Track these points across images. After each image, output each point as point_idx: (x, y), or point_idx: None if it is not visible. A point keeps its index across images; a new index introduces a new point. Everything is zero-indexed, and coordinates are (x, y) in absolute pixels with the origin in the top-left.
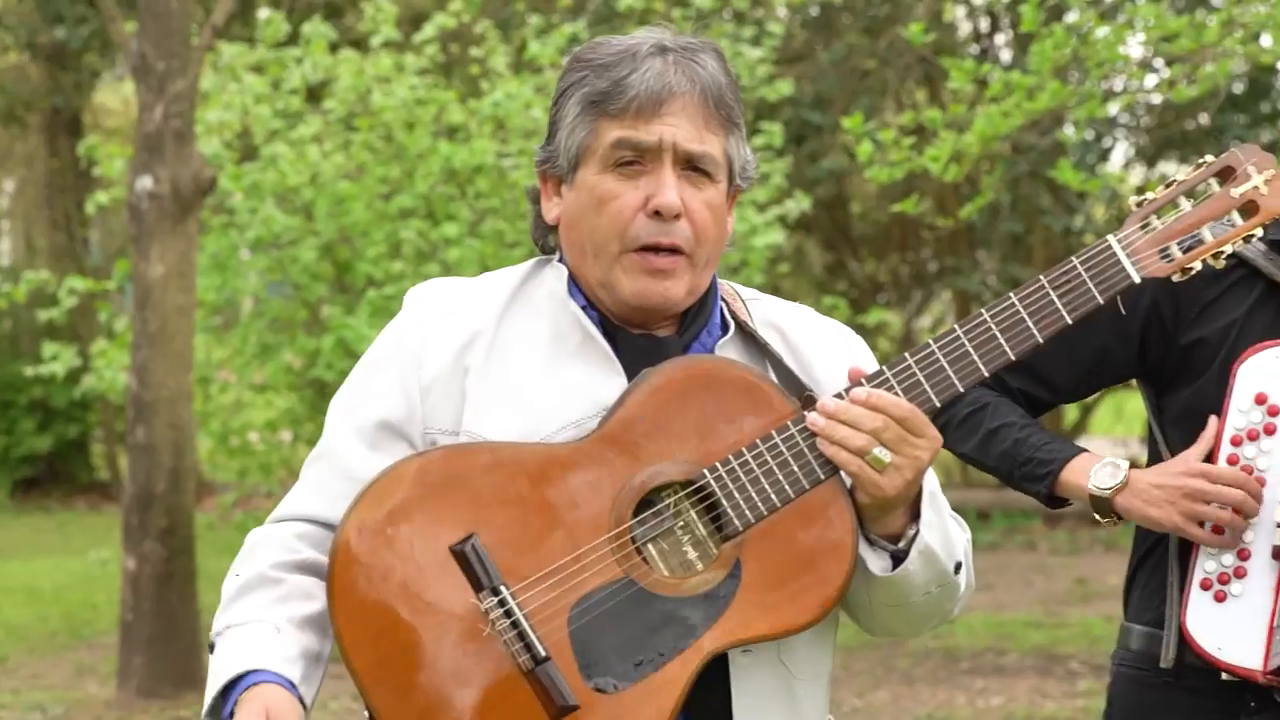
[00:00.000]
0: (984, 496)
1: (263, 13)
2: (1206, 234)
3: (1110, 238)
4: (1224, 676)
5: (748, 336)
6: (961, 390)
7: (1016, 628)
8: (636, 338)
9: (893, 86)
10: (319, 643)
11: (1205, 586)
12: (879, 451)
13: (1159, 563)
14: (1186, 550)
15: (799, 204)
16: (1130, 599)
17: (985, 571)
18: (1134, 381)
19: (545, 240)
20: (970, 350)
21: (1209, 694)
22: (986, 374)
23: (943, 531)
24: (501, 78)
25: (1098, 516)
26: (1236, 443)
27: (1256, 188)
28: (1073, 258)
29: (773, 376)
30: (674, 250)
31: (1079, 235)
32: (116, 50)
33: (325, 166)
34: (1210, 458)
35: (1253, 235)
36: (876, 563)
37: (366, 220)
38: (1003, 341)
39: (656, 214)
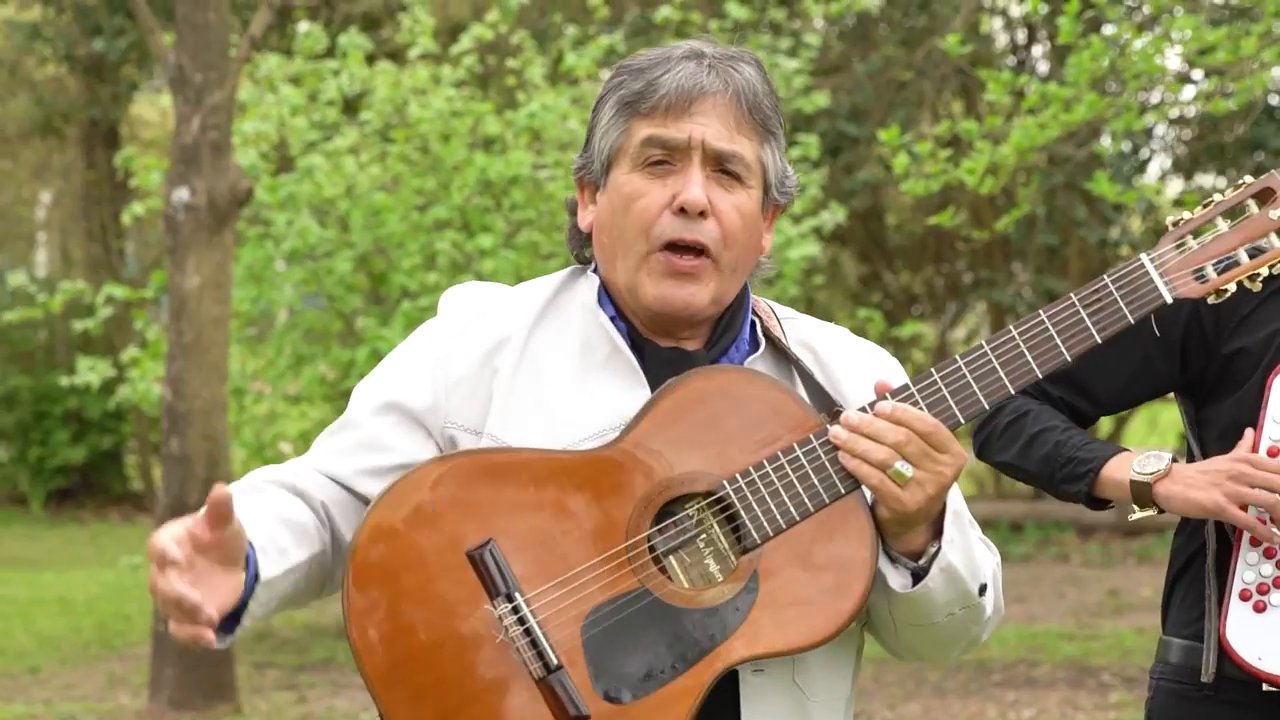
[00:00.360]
0: (1017, 508)
1: (301, 25)
2: (1243, 256)
3: (1143, 256)
4: (1265, 688)
5: (779, 354)
6: (987, 408)
7: (1049, 639)
8: (664, 350)
9: (929, 98)
10: (290, 538)
11: (1244, 597)
12: (901, 466)
13: (1197, 575)
14: (1224, 562)
15: (834, 216)
16: (1169, 612)
17: (1018, 583)
18: (1170, 395)
19: (581, 251)
20: (998, 367)
21: (1250, 706)
22: (1013, 391)
23: (966, 551)
24: (538, 89)
25: (1136, 507)
26: (1273, 454)
27: None
28: (1104, 276)
29: (802, 392)
30: (699, 250)
31: (1115, 247)
32: (154, 62)
33: (361, 178)
34: None
35: None
36: (897, 579)
37: (402, 232)
38: (1030, 359)
39: (682, 211)
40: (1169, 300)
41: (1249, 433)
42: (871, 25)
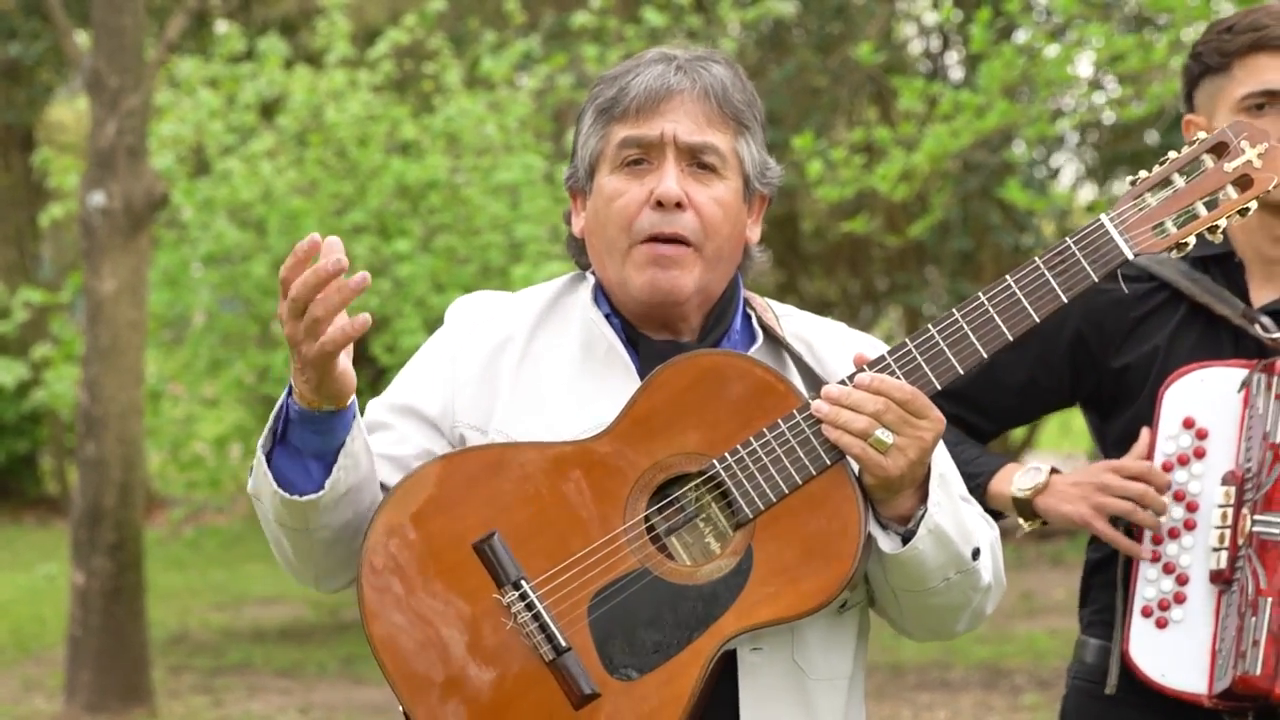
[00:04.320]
0: None
1: (219, 28)
2: (1201, 209)
3: (1104, 216)
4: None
5: (776, 346)
6: (961, 372)
7: (962, 642)
8: (658, 344)
9: (844, 104)
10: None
11: (1146, 614)
12: (881, 433)
13: (1109, 579)
14: (1129, 574)
15: None
16: (1084, 612)
17: None
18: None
19: (581, 258)
20: (969, 333)
21: (1159, 710)
22: (985, 355)
23: (954, 514)
24: (454, 94)
25: (1022, 521)
26: (1168, 468)
27: (1250, 161)
28: (1066, 238)
29: (797, 380)
30: (679, 241)
31: (1028, 252)
32: (70, 66)
33: (278, 182)
34: None
35: (1248, 208)
36: (887, 542)
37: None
38: (1000, 323)
39: (660, 205)
40: (1130, 256)
41: (1143, 436)
42: (786, 32)
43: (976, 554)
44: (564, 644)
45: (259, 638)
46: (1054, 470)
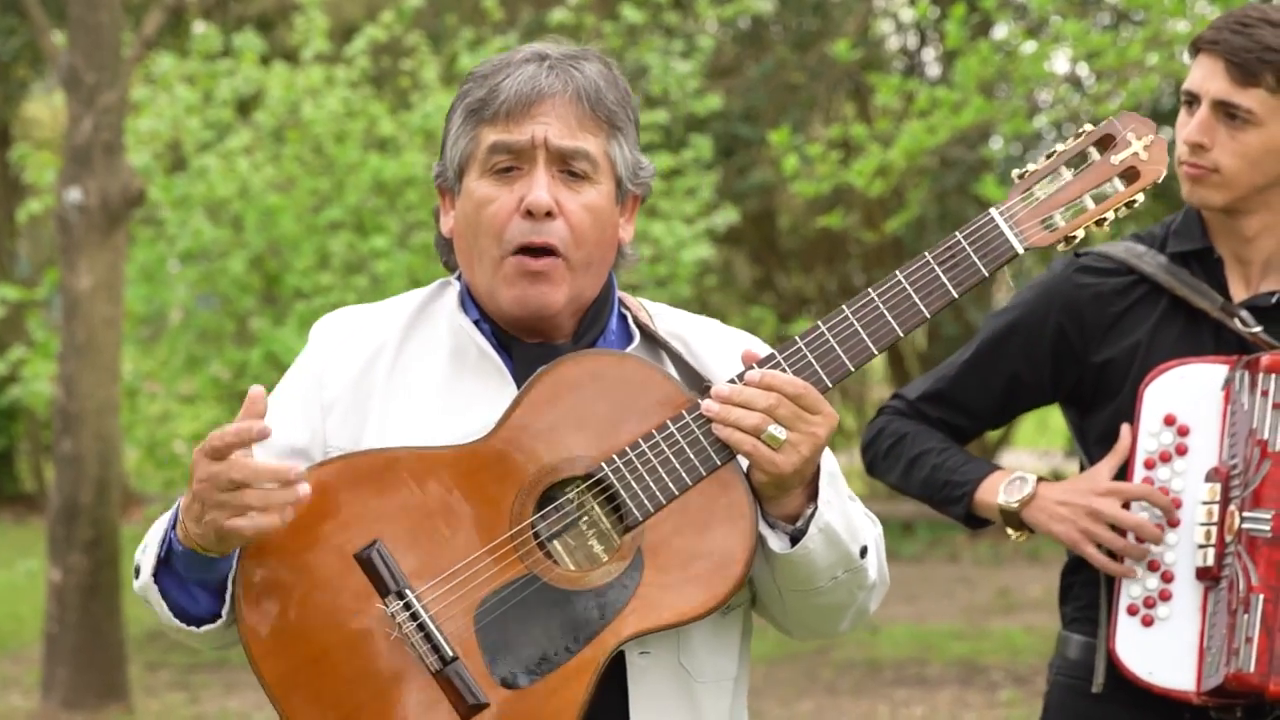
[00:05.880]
0: (908, 509)
1: (196, 26)
2: (1089, 202)
3: (993, 210)
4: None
5: (652, 344)
6: (852, 369)
7: (939, 639)
8: (531, 347)
9: (821, 101)
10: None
11: (1132, 612)
12: (774, 429)
13: (1091, 574)
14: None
15: (727, 217)
16: (1065, 608)
17: (909, 582)
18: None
19: (451, 257)
20: (859, 330)
21: (1145, 706)
22: (876, 352)
23: (843, 512)
24: (432, 90)
25: (1010, 531)
26: (1150, 465)
27: (1136, 154)
28: (956, 232)
29: (675, 375)
30: (549, 251)
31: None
32: (46, 62)
33: (255, 179)
34: (1125, 479)
35: (1134, 201)
36: (776, 542)
37: (296, 233)
38: (891, 319)
39: (529, 214)
40: (1020, 251)
41: (1125, 430)
42: (764, 28)
43: (864, 552)
44: (450, 653)
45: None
46: (1040, 479)
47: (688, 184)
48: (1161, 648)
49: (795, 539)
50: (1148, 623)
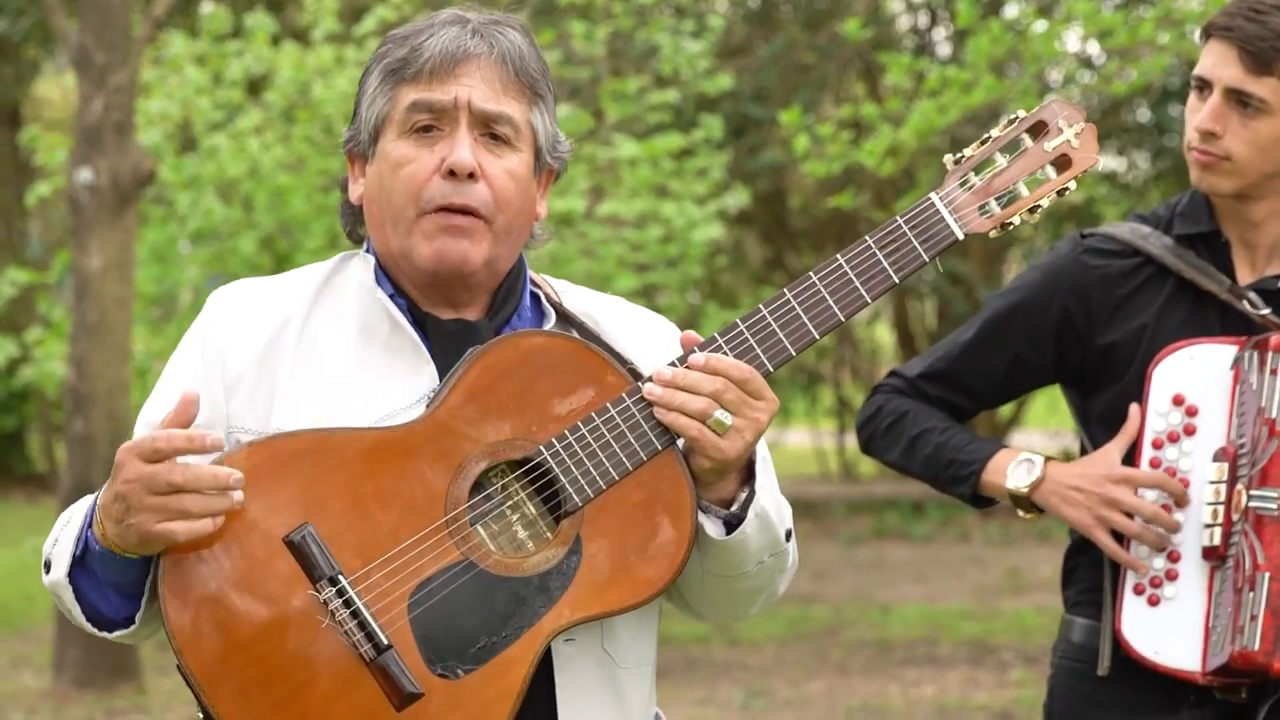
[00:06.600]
0: (917, 489)
1: (205, 6)
2: (1023, 189)
3: (933, 195)
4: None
5: (565, 322)
6: (794, 354)
7: (949, 619)
8: (446, 323)
9: (832, 80)
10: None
11: (1138, 591)
12: (720, 414)
13: (1096, 556)
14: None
15: (738, 198)
16: (1069, 591)
17: (919, 562)
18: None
19: (354, 228)
20: (801, 314)
21: (1150, 688)
22: (818, 336)
23: (774, 495)
24: None
25: (1020, 512)
26: (1158, 445)
27: (1068, 141)
28: (897, 216)
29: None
30: (470, 213)
31: (1016, 229)
32: (57, 42)
33: (265, 159)
34: (1132, 460)
35: (1066, 189)
36: (712, 528)
37: (306, 213)
38: (832, 304)
39: (451, 174)
40: (960, 236)
41: (1134, 410)
42: (774, 8)
43: (789, 535)
44: (385, 642)
45: None
46: (1048, 460)
47: (698, 164)
48: (1167, 627)
49: (729, 524)
50: (1154, 602)
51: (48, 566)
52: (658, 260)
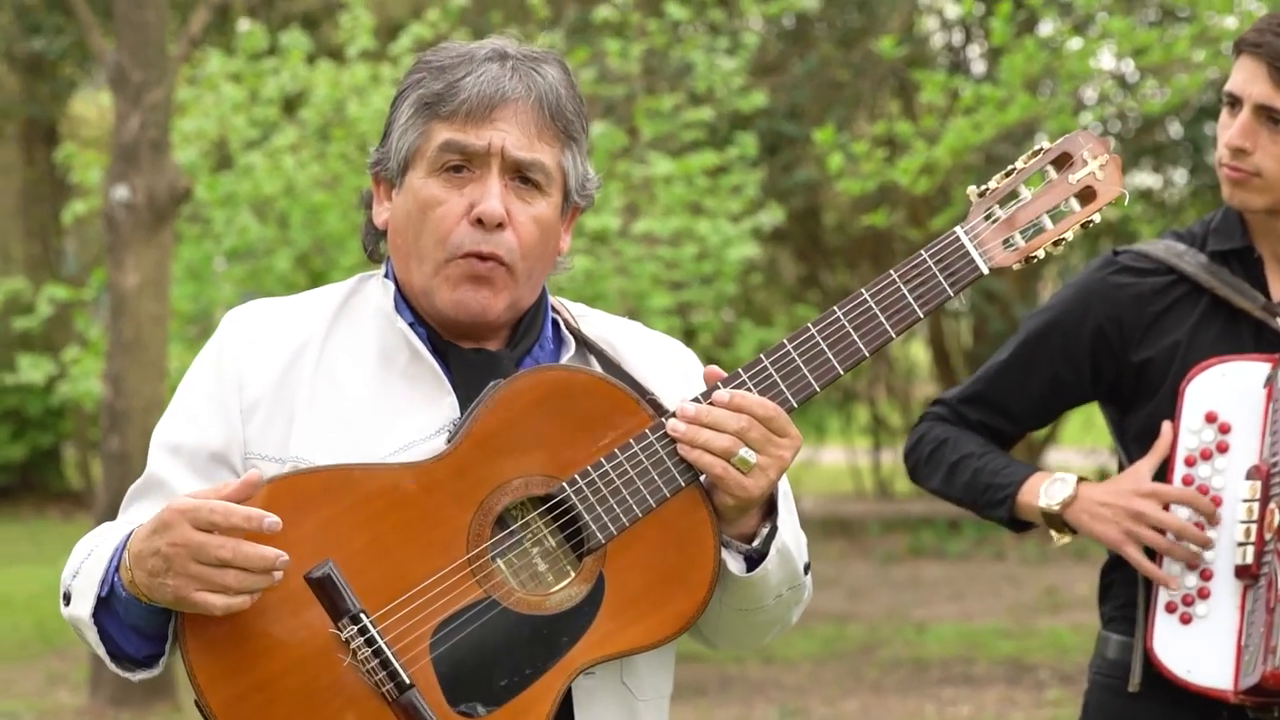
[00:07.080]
0: (953, 507)
1: (241, 24)
2: (1047, 222)
3: (958, 229)
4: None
5: (583, 349)
6: (818, 390)
7: (986, 637)
8: (467, 353)
9: (866, 98)
10: None
11: (1170, 610)
12: (745, 453)
13: (1132, 571)
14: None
15: (772, 216)
16: (1104, 608)
17: (955, 581)
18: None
19: (375, 248)
20: (825, 349)
21: (1182, 705)
22: (842, 372)
23: (794, 529)
24: None
25: (1054, 534)
26: (1190, 463)
27: (1092, 173)
28: (921, 251)
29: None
30: (495, 260)
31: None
32: (94, 60)
33: (300, 176)
34: (1165, 477)
35: (1090, 221)
36: (734, 564)
37: (341, 230)
38: (857, 339)
39: (479, 222)
40: (985, 271)
41: (1166, 428)
42: (809, 25)
43: (807, 569)
44: (407, 680)
45: None
46: (1081, 479)
47: (733, 181)
48: (1200, 646)
49: (751, 559)
50: (1186, 620)
51: (67, 599)
52: (692, 278)
